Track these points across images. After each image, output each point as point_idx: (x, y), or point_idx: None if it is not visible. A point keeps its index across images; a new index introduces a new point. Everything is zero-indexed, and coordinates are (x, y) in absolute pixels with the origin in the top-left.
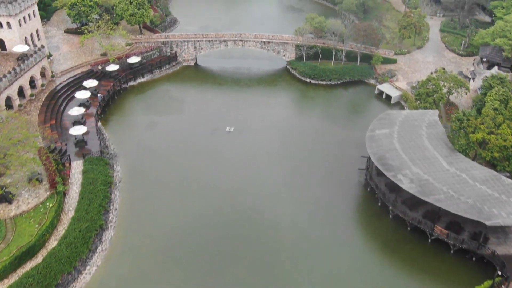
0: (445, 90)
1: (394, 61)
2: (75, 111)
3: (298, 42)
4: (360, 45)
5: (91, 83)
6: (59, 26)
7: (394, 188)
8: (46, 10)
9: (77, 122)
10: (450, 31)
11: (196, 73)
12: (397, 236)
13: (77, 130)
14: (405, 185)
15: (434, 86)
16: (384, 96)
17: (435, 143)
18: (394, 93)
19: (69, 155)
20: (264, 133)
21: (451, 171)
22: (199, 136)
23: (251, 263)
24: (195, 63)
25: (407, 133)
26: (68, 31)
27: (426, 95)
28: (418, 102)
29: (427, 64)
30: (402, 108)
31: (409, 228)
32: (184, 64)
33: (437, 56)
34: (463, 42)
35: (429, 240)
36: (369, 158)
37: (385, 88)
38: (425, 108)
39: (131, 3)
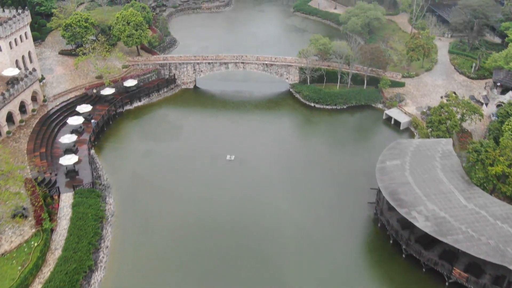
0: (458, 116)
1: (402, 85)
2: (67, 138)
3: (302, 65)
4: (367, 68)
5: (85, 108)
6: (54, 47)
7: (408, 224)
8: (40, 31)
9: (68, 150)
10: (460, 53)
11: (196, 97)
12: (411, 278)
13: (68, 160)
14: (420, 223)
15: (447, 113)
16: (392, 122)
17: (450, 176)
18: (403, 119)
19: (58, 187)
20: (267, 162)
21: (469, 208)
22: (197, 165)
23: None
24: (195, 86)
25: (420, 164)
26: (62, 53)
27: (438, 123)
28: (430, 129)
29: (436, 88)
30: (412, 134)
31: (424, 270)
32: (183, 87)
33: (446, 79)
34: (473, 64)
35: (447, 284)
36: (379, 191)
37: (394, 113)
38: (438, 136)
39: (128, 24)
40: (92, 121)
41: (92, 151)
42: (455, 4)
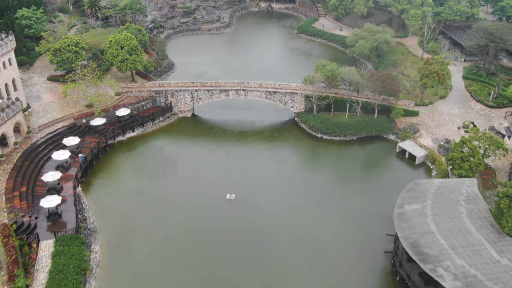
0: (480, 151)
1: (415, 114)
2: (50, 176)
3: (308, 93)
4: (378, 96)
5: (72, 140)
6: (42, 73)
7: (431, 280)
8: (29, 55)
9: (52, 189)
10: (475, 78)
11: (193, 126)
12: None
13: (50, 202)
14: (448, 283)
15: (469, 150)
16: (407, 156)
17: (478, 224)
18: (419, 153)
19: (37, 234)
20: (270, 202)
21: (503, 263)
22: (194, 207)
23: None
24: (193, 114)
25: (443, 209)
26: (51, 79)
27: (460, 160)
28: (451, 167)
29: (452, 117)
30: (429, 170)
31: None
32: (180, 115)
33: (463, 107)
34: (492, 92)
35: None
36: (397, 238)
37: (408, 146)
38: (460, 175)
39: (122, 48)
40: (80, 155)
41: (79, 189)
42: (467, 27)
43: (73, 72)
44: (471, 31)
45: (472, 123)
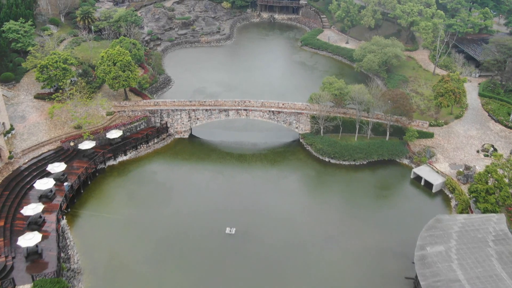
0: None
1: (430, 136)
2: (31, 209)
3: (314, 113)
4: (390, 117)
5: (58, 167)
6: (29, 90)
7: None
8: (16, 71)
9: (33, 223)
10: (493, 96)
11: (191, 149)
12: None
13: (28, 240)
14: None
15: (495, 181)
16: (422, 183)
17: (510, 270)
18: (436, 180)
19: (12, 278)
20: (274, 236)
21: None
22: (190, 243)
23: None
24: (190, 134)
25: (470, 252)
26: (38, 97)
27: (485, 193)
28: (474, 199)
29: (470, 139)
30: (447, 199)
31: None
32: (177, 136)
33: (481, 128)
34: None
35: None
36: (417, 283)
37: (423, 172)
38: (485, 210)
39: (114, 64)
40: (65, 184)
41: (64, 222)
42: (480, 39)
43: (60, 90)
44: (487, 45)
45: (492, 146)
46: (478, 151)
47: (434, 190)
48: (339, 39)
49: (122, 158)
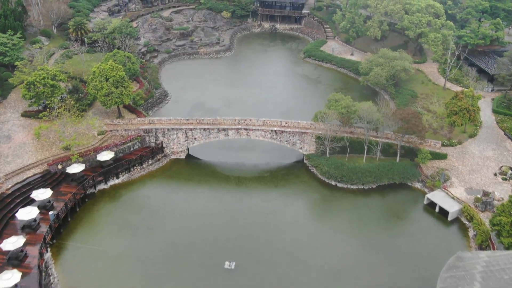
0: None
1: (443, 157)
2: (11, 243)
3: (319, 132)
4: (401, 137)
5: (43, 194)
6: (16, 107)
7: None
8: (3, 86)
9: (13, 258)
10: (508, 113)
11: (187, 171)
12: None
13: (6, 281)
14: None
15: None
16: (437, 209)
17: None
18: (451, 207)
19: None
20: (277, 272)
21: None
22: (185, 280)
23: None
24: (188, 154)
25: None
26: (26, 115)
27: (510, 226)
28: (496, 232)
29: (486, 161)
30: (464, 228)
31: None
32: (173, 157)
33: (497, 148)
34: None
35: None
36: None
37: (438, 198)
38: (510, 245)
39: (107, 80)
40: (50, 213)
41: (48, 255)
42: (492, 51)
43: (48, 109)
44: (501, 58)
45: (511, 168)
46: (495, 174)
47: (449, 218)
48: (343, 50)
49: (114, 181)
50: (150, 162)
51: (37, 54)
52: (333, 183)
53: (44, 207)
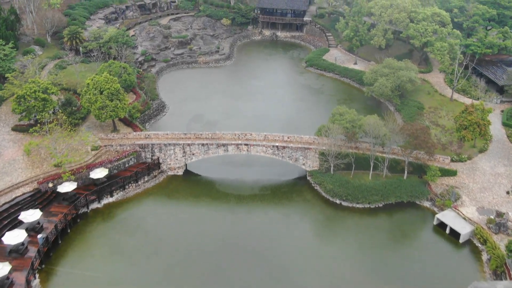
0: None
1: (453, 173)
2: None
3: (323, 148)
4: (408, 153)
5: (31, 215)
6: (7, 121)
7: None
8: None
9: None
10: None
11: (185, 188)
12: None
13: None
14: None
15: None
16: (447, 231)
17: None
18: (463, 229)
19: None
20: None
21: None
22: None
23: None
24: (186, 170)
25: None
26: (16, 129)
27: None
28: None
29: (498, 178)
30: (477, 252)
31: None
32: (170, 173)
33: (509, 164)
34: None
35: None
36: None
37: (448, 218)
38: None
39: (101, 92)
40: (39, 236)
41: (36, 282)
42: (500, 61)
43: (39, 124)
44: (511, 68)
45: None
46: (508, 193)
47: (461, 240)
48: (346, 59)
49: (107, 200)
50: (146, 179)
51: (29, 65)
52: (338, 201)
53: (33, 229)
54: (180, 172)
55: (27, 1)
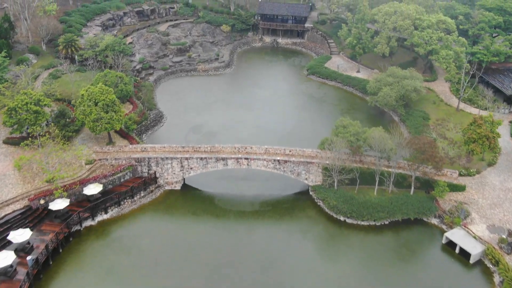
0: None
1: (461, 189)
2: None
3: (326, 162)
4: (415, 167)
5: (21, 235)
6: None
7: None
8: None
9: None
10: None
11: (183, 204)
12: None
13: None
14: None
15: None
16: (457, 250)
17: None
18: (473, 248)
19: None
20: None
21: None
22: None
23: None
24: (184, 184)
25: None
26: (8, 141)
27: None
28: None
29: (508, 193)
30: (489, 273)
31: None
32: (167, 188)
33: None
34: None
35: None
36: None
37: (458, 237)
38: None
39: (96, 104)
40: (28, 258)
41: None
42: (507, 69)
43: (30, 138)
44: None
45: None
46: None
47: (472, 261)
48: (349, 67)
49: (102, 217)
50: (142, 194)
51: (21, 75)
52: (342, 218)
53: (23, 249)
54: (178, 186)
55: (21, 8)
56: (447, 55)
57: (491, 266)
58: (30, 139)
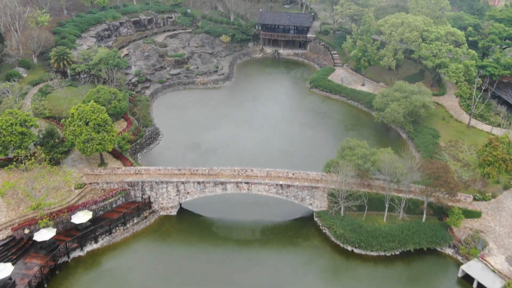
0: None
1: (477, 215)
2: None
3: (332, 187)
4: (429, 193)
5: (2, 270)
6: None
7: None
8: None
9: None
10: None
11: (178, 231)
12: None
13: None
14: None
15: None
16: (475, 285)
17: None
18: (493, 283)
19: None
20: None
21: None
22: None
23: None
24: (180, 208)
25: None
26: None
27: None
28: None
29: None
30: None
31: None
32: (162, 213)
33: None
34: None
35: None
36: None
37: (475, 270)
38: None
39: (87, 123)
40: None
41: None
42: None
43: (14, 162)
44: None
45: None
46: None
47: None
48: (353, 80)
49: (91, 246)
50: (135, 221)
51: (8, 92)
52: (349, 248)
53: (4, 286)
54: (174, 212)
55: (11, 18)
56: (457, 69)
57: None
58: (14, 163)
